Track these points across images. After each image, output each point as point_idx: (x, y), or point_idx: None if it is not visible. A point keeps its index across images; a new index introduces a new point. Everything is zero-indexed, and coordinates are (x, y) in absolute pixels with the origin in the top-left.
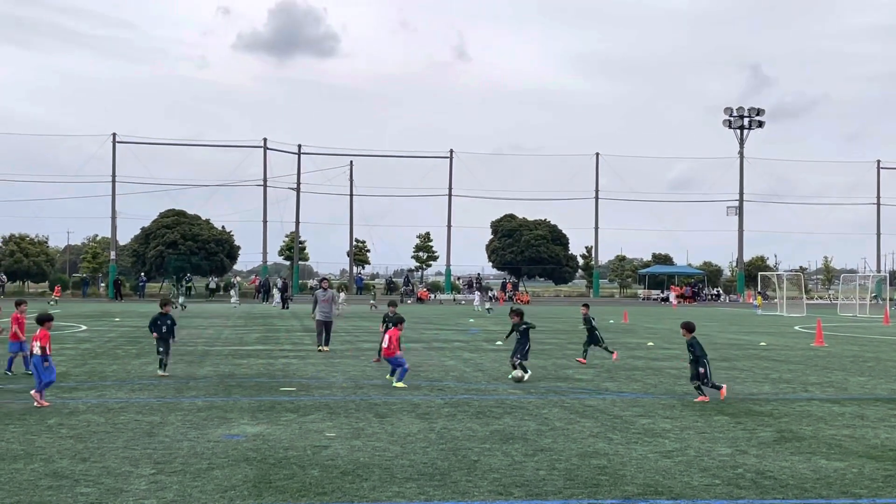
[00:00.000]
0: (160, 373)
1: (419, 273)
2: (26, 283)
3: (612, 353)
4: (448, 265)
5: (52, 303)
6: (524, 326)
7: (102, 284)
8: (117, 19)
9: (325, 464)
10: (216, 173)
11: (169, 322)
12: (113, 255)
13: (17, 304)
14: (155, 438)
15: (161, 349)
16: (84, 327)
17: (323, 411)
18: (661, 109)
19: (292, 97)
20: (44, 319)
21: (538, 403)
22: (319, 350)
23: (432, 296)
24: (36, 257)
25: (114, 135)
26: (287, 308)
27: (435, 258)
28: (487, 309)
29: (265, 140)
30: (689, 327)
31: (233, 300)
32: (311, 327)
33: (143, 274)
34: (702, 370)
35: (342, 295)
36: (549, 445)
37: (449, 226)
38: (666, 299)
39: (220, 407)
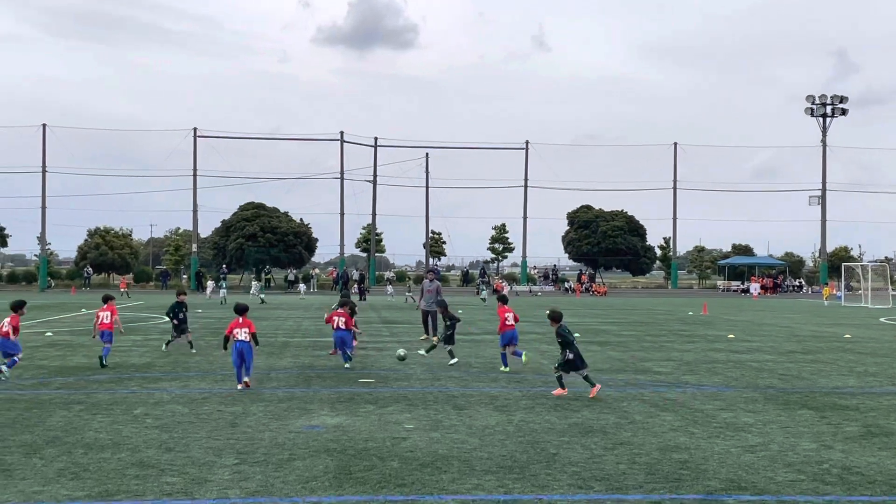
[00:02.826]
0: (163, 349)
1: (495, 265)
2: (111, 276)
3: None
4: (524, 256)
5: (122, 295)
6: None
7: (184, 276)
8: (199, 15)
9: (405, 455)
10: (295, 166)
11: (184, 309)
12: (194, 247)
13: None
14: (237, 429)
15: (175, 333)
16: (167, 319)
17: (401, 403)
18: (741, 98)
19: (370, 90)
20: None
21: (617, 397)
22: (424, 339)
23: (508, 287)
24: (120, 250)
25: (195, 129)
26: (364, 300)
27: (511, 249)
28: (482, 299)
29: (342, 133)
30: (555, 317)
31: (301, 292)
32: (389, 318)
33: (223, 266)
34: (570, 356)
35: (390, 287)
36: (629, 439)
37: (525, 217)
38: (746, 290)
39: (301, 398)
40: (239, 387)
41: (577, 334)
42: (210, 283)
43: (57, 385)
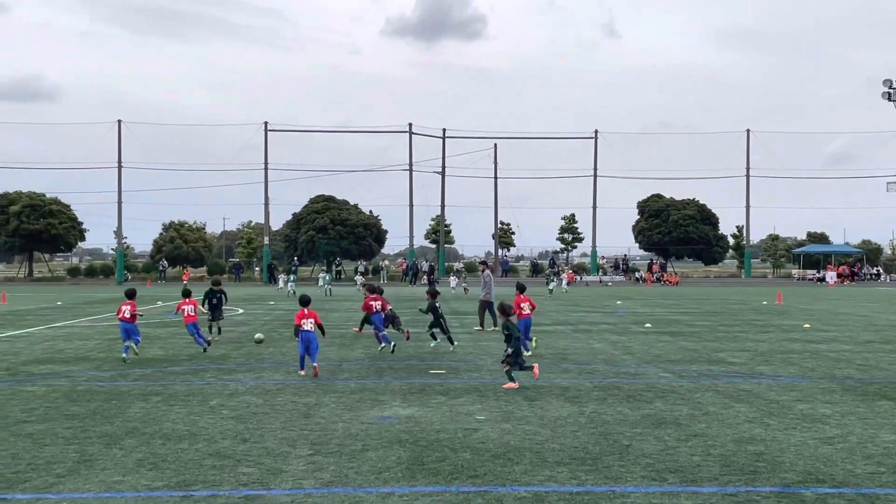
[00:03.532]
0: (210, 338)
1: (564, 255)
2: (187, 269)
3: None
4: (594, 246)
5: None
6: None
7: (257, 269)
8: (270, 9)
9: (476, 447)
10: (364, 159)
11: (220, 295)
12: (266, 240)
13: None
14: (311, 420)
15: (211, 318)
16: (241, 311)
17: (472, 394)
18: (815, 83)
19: (438, 81)
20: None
21: (690, 388)
22: (479, 331)
23: (578, 277)
24: (194, 243)
25: (265, 123)
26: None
27: (580, 239)
28: (549, 290)
29: (410, 125)
30: (504, 311)
31: (357, 284)
32: (459, 309)
33: (295, 258)
34: (510, 350)
35: (453, 279)
36: (703, 431)
37: (594, 207)
38: (822, 279)
39: (372, 389)
40: (301, 373)
41: (642, 320)
42: (283, 276)
43: (135, 377)
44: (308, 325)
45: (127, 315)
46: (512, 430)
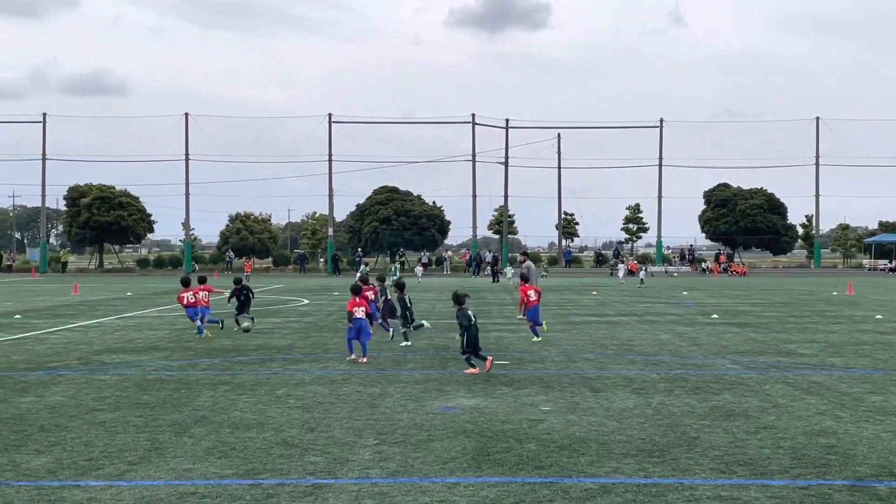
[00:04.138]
0: (236, 328)
1: (629, 245)
2: (252, 260)
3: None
4: (659, 237)
5: (246, 279)
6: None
7: (321, 260)
8: (334, 2)
9: (542, 437)
10: (427, 149)
11: (246, 292)
12: (331, 231)
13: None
14: (376, 409)
15: (238, 313)
16: (306, 301)
17: (537, 385)
18: (887, 68)
19: (501, 71)
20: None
21: (759, 379)
22: (521, 319)
23: (643, 268)
24: (260, 234)
25: (329, 115)
26: (497, 281)
27: (645, 230)
28: (620, 282)
29: (473, 115)
30: (457, 300)
31: (418, 275)
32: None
33: (359, 249)
34: (458, 337)
35: (510, 269)
36: (773, 423)
37: (659, 196)
38: (894, 269)
39: (437, 379)
40: (349, 357)
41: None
42: (363, 268)
43: (203, 366)
44: (360, 312)
45: (206, 299)
46: (577, 422)
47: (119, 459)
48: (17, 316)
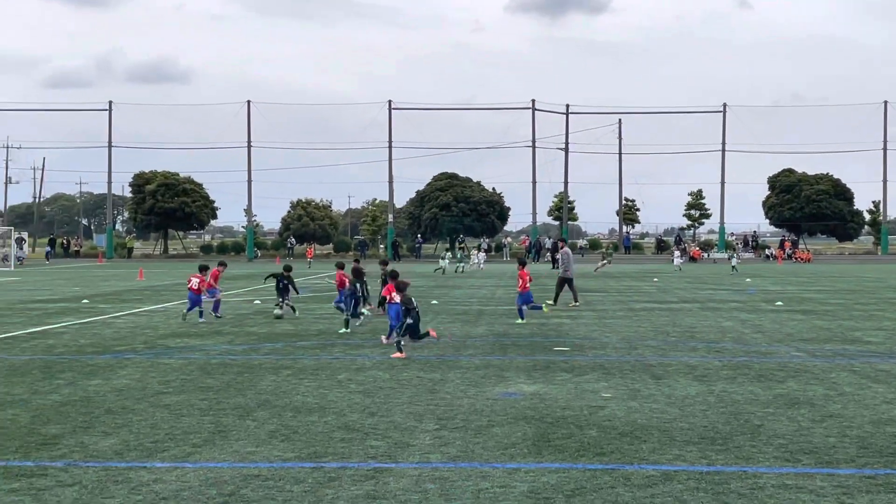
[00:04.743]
0: (276, 313)
1: (691, 231)
2: (313, 246)
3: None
4: (721, 223)
5: (308, 266)
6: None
7: (381, 246)
8: None
9: (603, 424)
10: (486, 135)
11: (285, 282)
12: (390, 217)
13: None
14: (437, 395)
15: (280, 299)
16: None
17: (598, 371)
18: None
19: (562, 56)
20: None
21: (824, 367)
22: (550, 305)
23: (705, 255)
24: (321, 221)
25: (389, 102)
26: (557, 268)
27: (707, 216)
28: (677, 268)
29: (533, 101)
30: (400, 287)
31: (473, 261)
32: (582, 287)
33: (419, 236)
34: (409, 322)
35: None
36: (839, 411)
37: (722, 182)
38: None
39: (497, 365)
40: (384, 340)
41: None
42: (448, 256)
43: (266, 351)
44: (397, 297)
45: (195, 286)
46: (639, 409)
47: (184, 441)
48: (85, 301)
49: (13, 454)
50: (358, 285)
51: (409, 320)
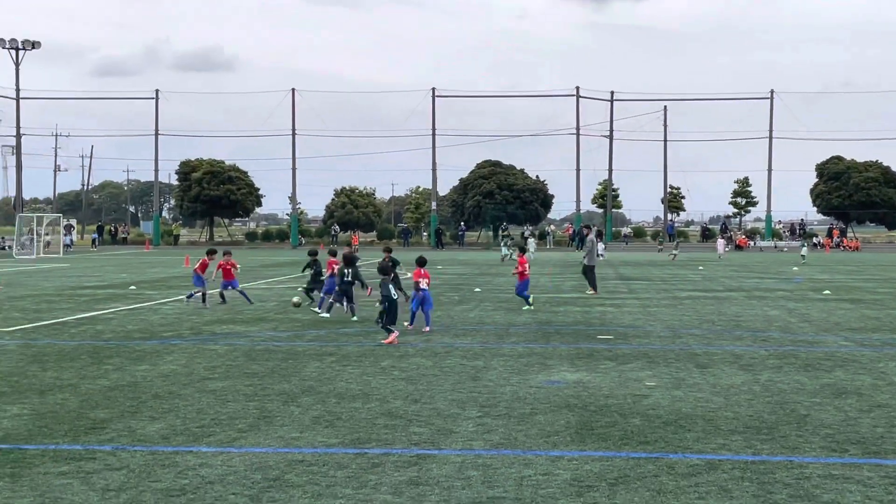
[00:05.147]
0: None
1: (737, 219)
2: (357, 233)
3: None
4: (768, 211)
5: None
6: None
7: (424, 234)
8: None
9: (647, 413)
10: (531, 123)
11: (316, 267)
12: (434, 205)
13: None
14: (479, 382)
15: (311, 289)
16: (409, 275)
17: (641, 360)
18: None
19: (607, 43)
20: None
21: (873, 357)
22: (592, 294)
23: (751, 243)
24: (364, 208)
25: (433, 89)
26: (601, 256)
27: (754, 204)
28: (719, 256)
29: (577, 88)
30: (383, 270)
31: (531, 250)
32: (626, 275)
33: (462, 223)
34: (384, 307)
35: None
36: (888, 402)
37: (769, 169)
38: None
39: (540, 353)
40: (408, 326)
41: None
42: (508, 242)
43: (310, 338)
44: (424, 283)
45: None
46: (683, 398)
47: (229, 427)
48: (132, 287)
49: (63, 438)
50: (347, 271)
51: (382, 306)
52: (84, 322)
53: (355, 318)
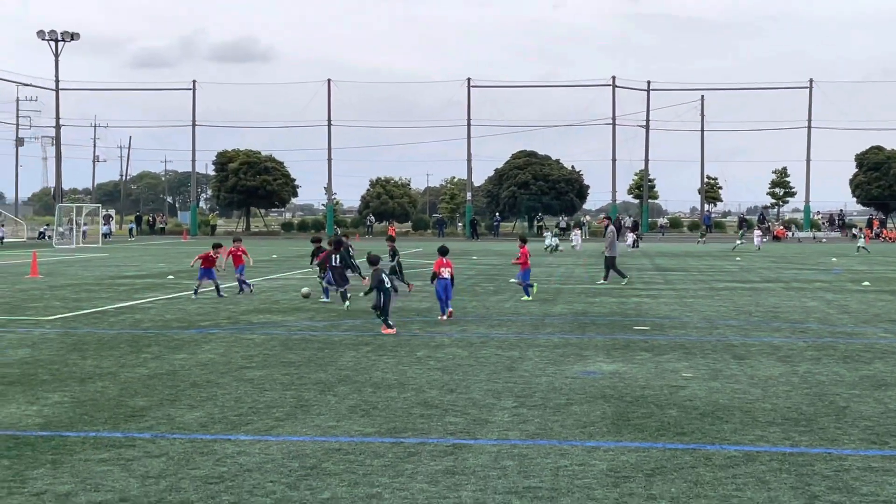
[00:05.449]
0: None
1: (775, 210)
2: (393, 224)
3: (407, 284)
4: (807, 201)
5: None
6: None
7: (459, 224)
8: None
9: (683, 404)
10: (565, 113)
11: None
12: (469, 196)
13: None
14: (515, 373)
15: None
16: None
17: (678, 351)
18: None
19: (643, 32)
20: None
21: None
22: (626, 283)
23: (789, 233)
24: (400, 199)
25: (468, 80)
26: (637, 247)
27: (792, 194)
28: (756, 248)
29: (613, 78)
30: (371, 260)
31: (574, 241)
32: (662, 266)
33: (497, 214)
34: (377, 300)
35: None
36: None
37: (808, 160)
38: None
39: (576, 344)
40: (441, 318)
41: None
42: (548, 234)
43: (346, 327)
44: (446, 273)
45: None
46: (720, 389)
47: (267, 415)
48: (170, 276)
49: (103, 425)
50: (335, 256)
51: (384, 296)
52: (123, 311)
53: (347, 305)
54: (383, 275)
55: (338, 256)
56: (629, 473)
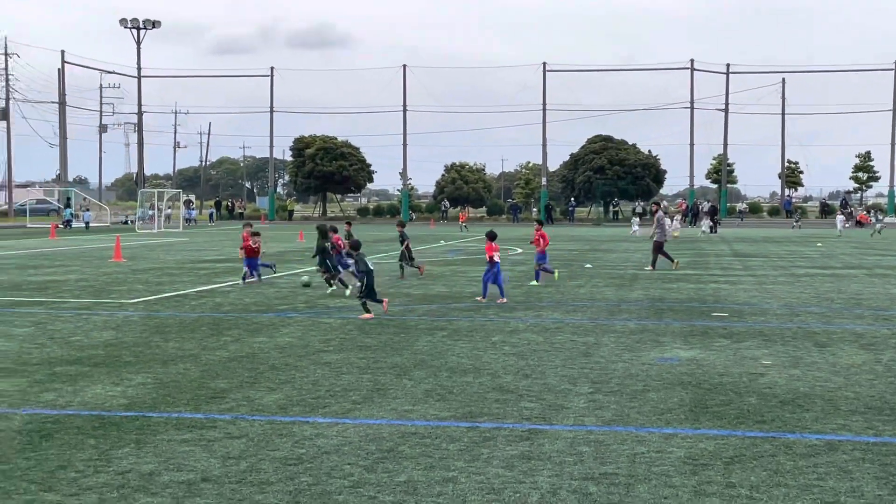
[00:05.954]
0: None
1: (858, 195)
2: (467, 209)
3: (418, 267)
4: (891, 186)
5: (463, 229)
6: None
7: (534, 210)
8: None
9: (763, 392)
10: (643, 97)
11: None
12: (544, 181)
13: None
14: (591, 359)
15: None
16: (519, 250)
17: (757, 338)
18: None
19: (722, 14)
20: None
21: None
22: (650, 270)
23: (872, 219)
24: (475, 184)
25: (544, 64)
26: (716, 232)
27: (876, 179)
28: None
29: (692, 61)
30: (354, 245)
31: (633, 228)
32: (741, 251)
33: (572, 199)
34: (359, 283)
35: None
36: None
37: (893, 143)
38: None
39: (653, 330)
40: (479, 299)
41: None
42: (634, 219)
43: (421, 312)
44: (497, 256)
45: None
46: (801, 377)
47: (344, 398)
48: None
49: (185, 406)
50: (327, 244)
51: (367, 281)
52: (204, 295)
53: (333, 289)
54: (366, 259)
55: (330, 244)
56: (707, 461)
